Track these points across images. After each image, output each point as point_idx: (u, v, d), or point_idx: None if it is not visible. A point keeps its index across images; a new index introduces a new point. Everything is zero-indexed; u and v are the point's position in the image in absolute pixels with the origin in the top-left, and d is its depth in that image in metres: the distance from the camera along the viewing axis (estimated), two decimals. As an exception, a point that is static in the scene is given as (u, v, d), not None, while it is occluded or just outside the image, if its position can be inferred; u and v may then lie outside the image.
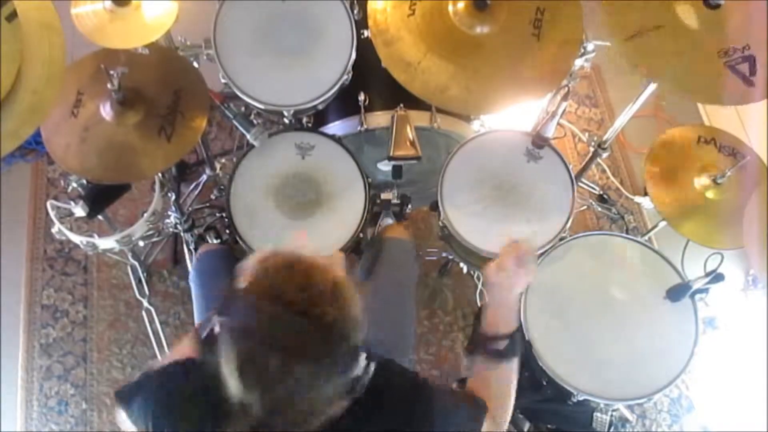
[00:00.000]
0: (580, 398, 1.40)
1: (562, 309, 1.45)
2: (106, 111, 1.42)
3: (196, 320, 1.51)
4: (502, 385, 1.12)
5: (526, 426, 1.66)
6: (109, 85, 1.34)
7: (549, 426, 1.70)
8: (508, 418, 1.11)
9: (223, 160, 2.11)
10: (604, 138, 1.82)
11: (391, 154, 1.56)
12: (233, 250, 1.64)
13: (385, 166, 1.66)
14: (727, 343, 2.17)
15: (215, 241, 1.74)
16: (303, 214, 1.54)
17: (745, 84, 1.30)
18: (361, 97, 1.64)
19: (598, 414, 1.51)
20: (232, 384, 0.78)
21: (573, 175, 1.59)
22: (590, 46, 1.62)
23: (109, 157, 1.41)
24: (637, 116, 1.68)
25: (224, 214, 1.56)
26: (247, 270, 0.81)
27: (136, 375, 1.01)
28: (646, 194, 1.60)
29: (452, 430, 1.00)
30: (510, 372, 1.13)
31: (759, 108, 2.13)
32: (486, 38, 1.47)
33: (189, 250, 1.95)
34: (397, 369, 1.02)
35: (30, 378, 2.05)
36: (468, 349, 1.45)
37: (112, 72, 1.33)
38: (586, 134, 2.43)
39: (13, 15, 1.03)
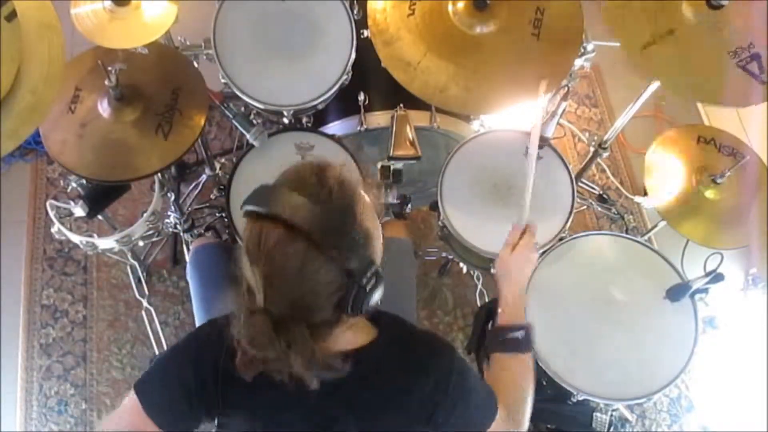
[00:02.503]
0: (580, 398, 1.39)
1: (561, 309, 1.45)
2: (104, 107, 1.41)
3: (196, 315, 1.50)
4: (520, 376, 1.13)
5: (526, 426, 1.66)
6: (106, 82, 1.34)
7: (549, 426, 1.69)
8: (526, 417, 1.11)
9: (222, 160, 2.11)
10: (604, 138, 1.82)
11: (391, 153, 1.56)
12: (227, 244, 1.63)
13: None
14: (727, 343, 2.17)
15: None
16: (303, 214, 1.54)
17: (758, 82, 1.31)
18: (361, 97, 1.64)
19: (598, 414, 1.51)
20: (244, 264, 0.87)
21: (573, 175, 1.59)
22: (590, 46, 1.62)
23: (105, 154, 1.40)
24: (637, 116, 1.68)
25: (224, 214, 1.56)
26: None
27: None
28: (646, 194, 1.60)
29: (467, 399, 1.00)
30: (527, 365, 1.15)
31: (759, 108, 2.12)
32: (486, 38, 1.47)
33: (189, 250, 1.95)
34: (423, 330, 1.08)
35: (30, 378, 2.05)
36: (467, 349, 1.45)
37: (110, 68, 1.32)
38: (586, 134, 2.43)
39: (12, 15, 1.03)
